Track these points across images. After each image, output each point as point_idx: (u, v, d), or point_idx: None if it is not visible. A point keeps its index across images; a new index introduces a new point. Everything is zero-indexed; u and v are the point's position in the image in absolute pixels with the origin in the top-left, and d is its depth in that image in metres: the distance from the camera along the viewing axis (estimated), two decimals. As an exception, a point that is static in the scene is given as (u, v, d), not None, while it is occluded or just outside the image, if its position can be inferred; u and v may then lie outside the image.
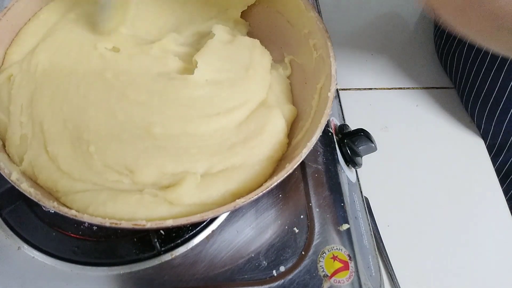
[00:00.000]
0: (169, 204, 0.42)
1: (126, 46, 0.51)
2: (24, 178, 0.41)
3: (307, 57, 0.52)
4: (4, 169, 0.41)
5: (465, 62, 0.73)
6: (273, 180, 0.40)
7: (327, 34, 0.48)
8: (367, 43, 0.85)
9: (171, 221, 0.38)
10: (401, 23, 0.89)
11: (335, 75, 0.46)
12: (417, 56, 0.84)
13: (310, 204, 0.51)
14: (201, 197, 0.43)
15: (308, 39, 0.51)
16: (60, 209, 0.38)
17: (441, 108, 0.78)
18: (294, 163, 0.41)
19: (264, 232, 0.50)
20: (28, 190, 0.39)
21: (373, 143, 0.57)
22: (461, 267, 0.63)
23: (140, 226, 0.38)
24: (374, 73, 0.81)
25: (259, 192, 0.40)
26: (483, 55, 0.70)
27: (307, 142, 0.42)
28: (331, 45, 0.48)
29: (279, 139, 0.48)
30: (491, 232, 0.66)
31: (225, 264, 0.48)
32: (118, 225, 0.38)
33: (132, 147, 0.44)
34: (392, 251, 0.63)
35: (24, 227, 0.49)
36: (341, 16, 0.87)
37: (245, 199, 0.39)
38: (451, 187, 0.70)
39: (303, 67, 0.53)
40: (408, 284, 0.61)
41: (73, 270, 0.47)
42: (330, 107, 0.44)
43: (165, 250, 0.48)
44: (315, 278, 0.47)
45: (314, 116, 0.47)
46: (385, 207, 0.66)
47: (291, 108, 0.51)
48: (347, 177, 0.56)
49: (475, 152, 0.74)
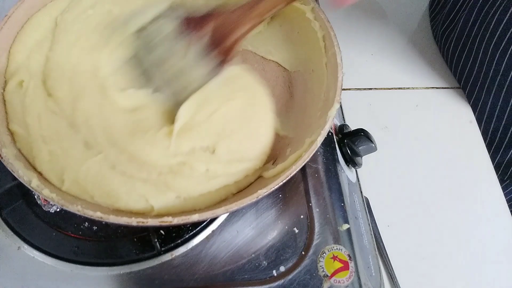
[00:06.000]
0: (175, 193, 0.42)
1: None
2: (43, 185, 0.40)
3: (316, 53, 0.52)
4: (24, 177, 0.40)
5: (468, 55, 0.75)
6: (292, 169, 0.41)
7: (329, 24, 0.49)
8: (367, 43, 0.85)
9: (197, 215, 0.38)
10: (401, 23, 0.89)
11: (341, 63, 0.46)
12: (417, 56, 0.84)
13: (310, 204, 0.51)
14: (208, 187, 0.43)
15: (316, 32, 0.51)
16: (85, 212, 0.38)
17: (441, 108, 0.78)
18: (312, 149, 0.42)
19: (264, 232, 0.50)
20: (51, 196, 0.39)
21: (373, 143, 0.57)
22: (461, 267, 0.63)
23: (167, 223, 0.38)
24: (374, 73, 0.81)
25: (280, 181, 0.40)
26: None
27: (321, 130, 0.43)
28: (335, 34, 0.48)
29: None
30: (491, 232, 0.66)
31: (225, 264, 0.48)
32: (145, 224, 0.38)
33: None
34: (392, 251, 0.63)
35: (24, 227, 0.49)
36: (341, 16, 0.88)
37: (266, 189, 0.39)
38: (451, 187, 0.70)
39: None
40: (408, 284, 0.61)
41: (73, 270, 0.47)
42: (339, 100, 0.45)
43: (165, 250, 0.48)
44: (315, 278, 0.47)
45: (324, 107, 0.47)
46: (385, 207, 0.66)
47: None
48: (347, 177, 0.56)
49: (475, 152, 0.74)
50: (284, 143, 0.50)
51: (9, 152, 0.42)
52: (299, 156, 0.43)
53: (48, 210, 0.50)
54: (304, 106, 0.51)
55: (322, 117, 0.45)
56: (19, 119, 0.46)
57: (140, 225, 0.38)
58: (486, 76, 0.72)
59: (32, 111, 0.46)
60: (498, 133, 0.74)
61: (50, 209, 0.50)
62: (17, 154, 0.44)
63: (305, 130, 0.47)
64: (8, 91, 0.47)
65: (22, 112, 0.46)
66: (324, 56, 0.49)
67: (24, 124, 0.45)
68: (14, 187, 0.50)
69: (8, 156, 0.41)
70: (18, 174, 0.40)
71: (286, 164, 0.43)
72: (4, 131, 0.45)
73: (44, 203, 0.50)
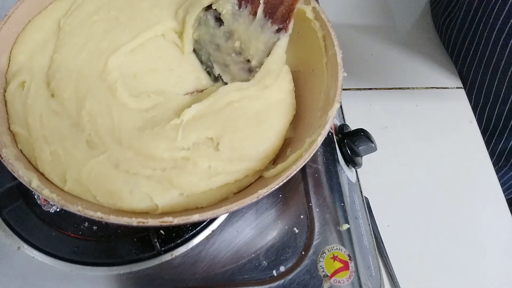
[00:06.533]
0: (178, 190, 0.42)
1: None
2: (44, 185, 0.40)
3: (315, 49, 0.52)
4: (24, 177, 0.39)
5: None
6: (292, 169, 0.41)
7: (330, 24, 0.49)
8: (367, 43, 0.85)
9: (197, 215, 0.38)
10: (401, 23, 0.89)
11: (341, 63, 0.46)
12: (417, 56, 0.84)
13: (310, 204, 0.51)
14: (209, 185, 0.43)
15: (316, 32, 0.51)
16: (85, 213, 0.38)
17: (441, 108, 0.78)
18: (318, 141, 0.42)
19: (264, 232, 0.50)
20: (51, 196, 0.39)
21: (373, 143, 0.57)
22: (461, 266, 0.63)
23: (167, 223, 0.38)
24: (374, 73, 0.81)
25: (280, 181, 0.40)
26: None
27: (321, 130, 0.43)
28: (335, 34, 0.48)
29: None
30: (491, 232, 0.66)
31: (225, 264, 0.48)
32: (145, 224, 0.38)
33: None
34: (392, 251, 0.63)
35: (24, 227, 0.49)
36: (341, 16, 0.88)
37: (267, 189, 0.39)
38: (451, 187, 0.70)
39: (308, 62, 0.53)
40: (408, 284, 0.61)
41: (73, 270, 0.47)
42: (339, 100, 0.45)
43: (165, 250, 0.48)
44: (315, 278, 0.47)
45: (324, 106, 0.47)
46: (385, 207, 0.67)
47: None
48: (347, 177, 0.56)
49: (474, 152, 0.74)
50: (284, 143, 0.50)
51: (9, 152, 0.42)
52: (299, 156, 0.43)
53: (48, 210, 0.50)
54: (304, 106, 0.51)
55: (322, 117, 0.45)
56: (21, 120, 0.46)
57: (141, 225, 0.38)
58: (486, 64, 0.73)
59: (34, 112, 0.46)
60: (493, 119, 0.75)
61: (50, 209, 0.50)
62: (18, 154, 0.44)
63: (305, 130, 0.47)
64: (9, 91, 0.47)
65: (23, 112, 0.46)
66: (324, 56, 0.49)
67: (25, 124, 0.45)
68: (14, 187, 0.50)
69: (8, 156, 0.40)
70: (18, 174, 0.40)
71: (286, 164, 0.43)
72: (4, 131, 0.45)
73: (44, 203, 0.50)
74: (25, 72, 0.48)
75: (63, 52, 0.49)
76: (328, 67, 0.49)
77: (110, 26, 0.51)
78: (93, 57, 0.49)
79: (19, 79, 0.47)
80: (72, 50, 0.49)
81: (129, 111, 0.46)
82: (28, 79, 0.47)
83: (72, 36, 0.50)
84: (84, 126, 0.45)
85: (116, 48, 0.49)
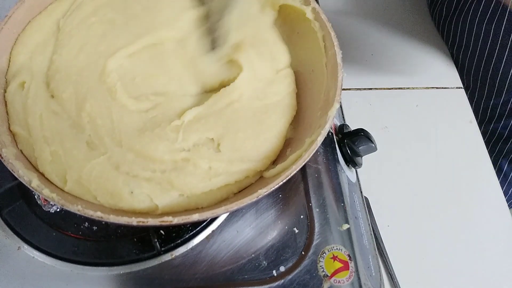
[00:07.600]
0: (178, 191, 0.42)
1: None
2: (44, 185, 0.40)
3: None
4: (24, 177, 0.39)
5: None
6: (292, 169, 0.41)
7: (330, 24, 0.49)
8: (367, 43, 0.85)
9: (197, 215, 0.38)
10: (401, 23, 0.89)
11: (341, 63, 0.46)
12: (417, 56, 0.84)
13: (310, 204, 0.51)
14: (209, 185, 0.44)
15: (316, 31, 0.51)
16: (85, 212, 0.38)
17: (441, 108, 0.78)
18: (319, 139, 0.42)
19: (264, 232, 0.50)
20: (51, 196, 0.39)
21: (373, 143, 0.57)
22: (461, 266, 0.63)
23: (167, 222, 0.38)
24: (374, 73, 0.81)
25: (280, 181, 0.40)
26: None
27: (321, 129, 0.43)
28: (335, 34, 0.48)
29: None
30: (491, 233, 0.66)
31: (225, 264, 0.48)
32: (145, 223, 0.38)
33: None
34: (392, 251, 0.63)
35: (24, 227, 0.49)
36: (341, 16, 0.88)
37: (266, 189, 0.39)
38: (450, 187, 0.70)
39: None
40: (408, 284, 0.61)
41: (73, 270, 0.47)
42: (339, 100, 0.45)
43: (165, 250, 0.48)
44: (315, 278, 0.47)
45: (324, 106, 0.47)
46: (385, 207, 0.67)
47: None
48: (347, 177, 0.56)
49: (475, 152, 0.74)
50: (284, 143, 0.50)
51: (10, 152, 0.42)
52: (299, 156, 0.43)
53: (48, 210, 0.50)
54: (304, 106, 0.52)
55: (322, 117, 0.45)
56: (21, 120, 0.46)
57: (140, 225, 0.38)
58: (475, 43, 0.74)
59: (34, 112, 0.46)
60: (482, 100, 0.76)
61: (50, 209, 0.50)
62: (18, 154, 0.44)
63: (305, 130, 0.47)
64: (9, 92, 0.47)
65: (23, 113, 0.46)
66: (324, 56, 0.49)
67: (25, 125, 0.45)
68: (14, 187, 0.50)
69: (8, 156, 0.40)
70: (18, 174, 0.40)
71: (286, 164, 0.43)
72: (4, 131, 0.45)
73: (44, 203, 0.50)
74: (25, 73, 0.48)
75: (62, 53, 0.49)
76: (328, 67, 0.49)
77: (107, 29, 0.50)
78: (91, 59, 0.48)
79: (19, 79, 0.47)
80: (71, 51, 0.49)
81: (129, 112, 0.46)
82: (28, 79, 0.47)
83: (71, 37, 0.50)
84: (84, 127, 0.45)
85: (114, 52, 0.49)
